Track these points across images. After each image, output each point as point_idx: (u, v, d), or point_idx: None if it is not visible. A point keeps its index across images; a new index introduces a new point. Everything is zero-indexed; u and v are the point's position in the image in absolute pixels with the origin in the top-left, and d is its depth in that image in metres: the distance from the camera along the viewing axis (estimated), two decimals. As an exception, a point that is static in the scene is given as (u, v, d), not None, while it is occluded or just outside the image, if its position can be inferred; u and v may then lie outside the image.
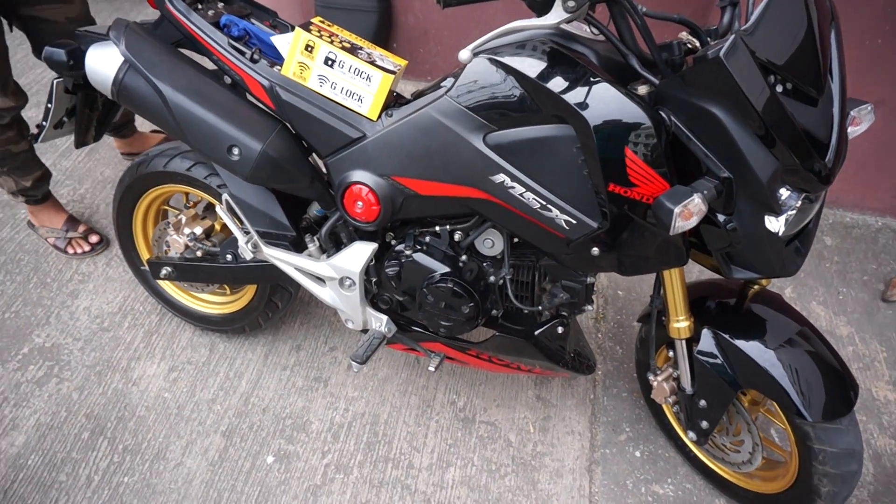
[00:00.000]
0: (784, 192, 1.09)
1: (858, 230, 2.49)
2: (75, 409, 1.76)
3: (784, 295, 2.21)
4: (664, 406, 1.67)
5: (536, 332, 1.49)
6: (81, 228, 2.16)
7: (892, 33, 2.05)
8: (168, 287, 1.89)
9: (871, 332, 2.10)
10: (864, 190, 2.49)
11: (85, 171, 2.45)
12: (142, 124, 2.54)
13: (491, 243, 1.40)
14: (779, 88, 1.01)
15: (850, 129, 1.16)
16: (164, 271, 1.70)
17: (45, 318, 1.98)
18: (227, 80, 1.40)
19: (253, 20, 1.49)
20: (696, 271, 2.15)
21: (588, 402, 1.83)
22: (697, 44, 1.18)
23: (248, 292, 1.80)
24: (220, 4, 1.49)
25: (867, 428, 1.83)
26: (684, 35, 1.20)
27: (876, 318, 2.15)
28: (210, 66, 1.42)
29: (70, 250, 2.14)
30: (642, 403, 1.81)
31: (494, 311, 1.51)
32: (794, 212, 1.12)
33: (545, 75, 1.11)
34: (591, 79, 1.08)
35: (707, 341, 1.36)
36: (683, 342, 1.40)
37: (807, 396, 1.26)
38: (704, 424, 1.44)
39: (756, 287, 1.41)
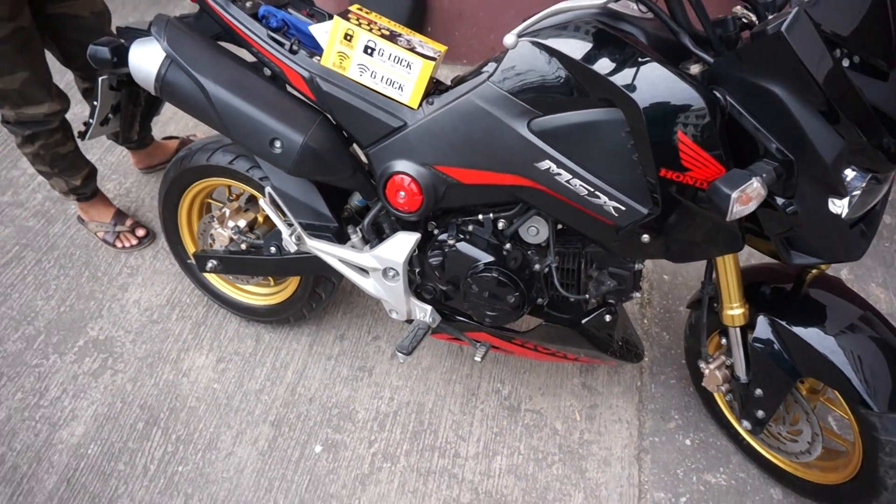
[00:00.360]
0: (850, 173, 1.03)
1: (920, 207, 2.37)
2: (130, 400, 1.81)
3: (840, 276, 2.12)
4: (716, 394, 1.63)
5: (583, 321, 1.46)
6: (129, 222, 2.20)
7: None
8: (214, 279, 1.92)
9: (936, 314, 2.00)
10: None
11: (129, 165, 2.50)
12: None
13: (535, 231, 1.37)
14: (845, 63, 0.95)
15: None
16: (209, 264, 1.72)
17: (98, 311, 2.03)
18: (267, 71, 1.40)
19: (290, 10, 1.48)
20: (748, 254, 2.08)
21: (635, 389, 1.79)
22: (754, 18, 1.12)
23: (292, 283, 1.82)
24: (258, -5, 1.48)
25: (932, 415, 1.75)
26: (739, 9, 1.14)
27: (940, 299, 2.05)
28: (250, 58, 1.41)
29: (118, 244, 2.19)
30: (691, 391, 1.77)
31: (540, 300, 1.49)
32: (860, 193, 1.06)
33: (591, 57, 1.07)
34: (640, 59, 1.04)
35: (763, 328, 1.31)
36: (738, 330, 1.36)
37: (871, 385, 1.21)
38: (760, 414, 1.40)
39: (814, 272, 1.36)
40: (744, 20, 1.12)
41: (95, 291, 2.09)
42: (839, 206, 1.06)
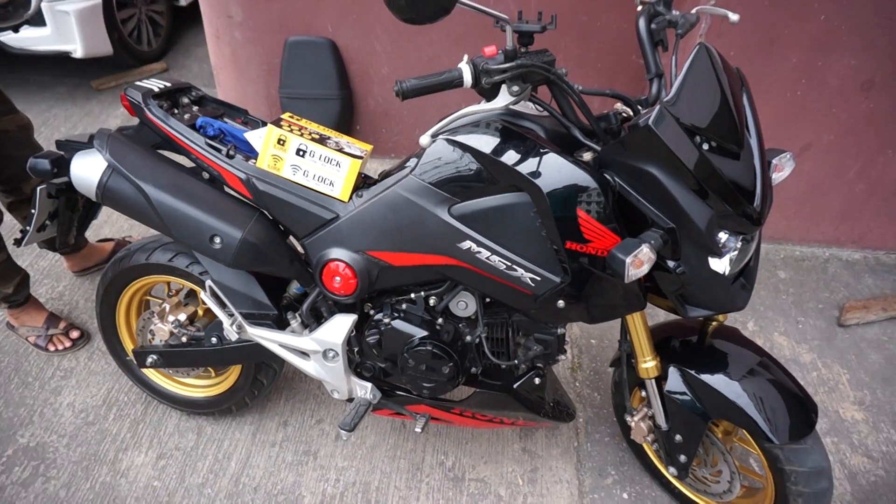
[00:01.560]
0: (723, 236, 1.21)
1: (808, 262, 2.65)
2: (64, 509, 1.74)
3: (747, 328, 2.33)
4: (644, 445, 1.74)
5: (515, 386, 1.56)
6: (62, 325, 2.18)
7: (807, 86, 2.28)
8: (153, 375, 1.92)
9: (832, 356, 2.22)
10: (808, 224, 2.67)
11: (63, 269, 2.49)
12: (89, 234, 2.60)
13: (465, 305, 1.49)
14: (705, 146, 1.15)
15: (774, 176, 1.30)
16: (149, 359, 1.74)
17: (29, 418, 1.97)
18: (206, 175, 1.50)
19: (226, 119, 1.61)
20: (662, 314, 2.26)
21: (573, 449, 1.89)
22: (631, 112, 1.33)
23: (234, 373, 1.84)
24: (195, 108, 1.60)
25: (839, 448, 1.91)
26: (619, 106, 1.35)
27: (835, 342, 2.27)
28: (189, 164, 1.52)
29: (51, 347, 2.16)
30: (625, 446, 1.87)
31: (473, 369, 1.59)
32: (736, 252, 1.24)
33: (499, 150, 1.24)
34: (541, 150, 1.21)
35: (674, 378, 1.45)
36: (653, 381, 1.49)
37: (772, 421, 1.35)
38: (682, 458, 1.52)
39: (715, 323, 1.52)
40: (623, 114, 1.32)
41: (26, 397, 2.04)
42: (721, 265, 1.23)
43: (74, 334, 2.19)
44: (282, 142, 1.38)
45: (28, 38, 3.42)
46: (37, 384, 2.08)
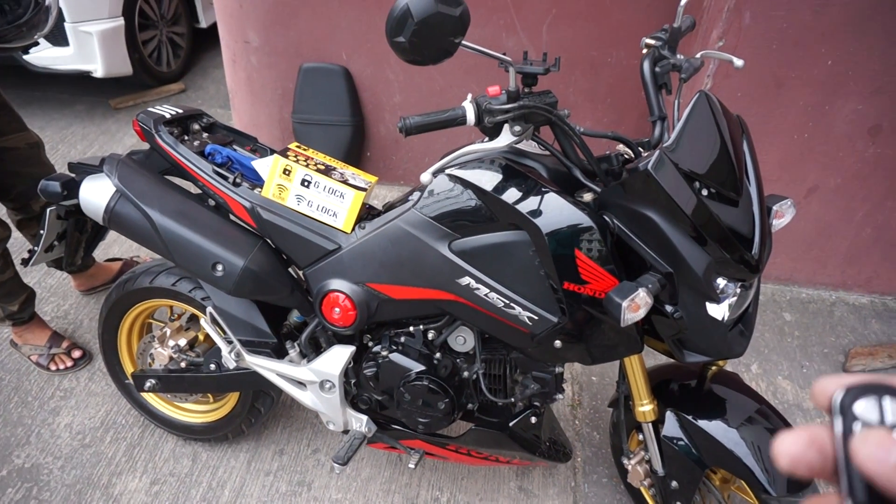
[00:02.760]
0: (721, 282, 1.21)
1: (815, 305, 2.63)
2: (55, 531, 1.74)
3: (750, 371, 2.30)
4: (642, 489, 1.71)
5: (511, 424, 1.55)
6: (65, 344, 2.20)
7: (814, 129, 2.28)
8: (151, 399, 1.92)
9: (836, 403, 2.18)
10: (814, 267, 2.65)
11: (69, 288, 2.51)
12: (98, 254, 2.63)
13: (463, 340, 1.49)
14: (704, 192, 1.15)
15: (775, 222, 1.30)
16: (148, 383, 1.74)
17: (26, 438, 1.98)
18: (212, 202, 1.52)
19: (235, 146, 1.63)
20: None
21: (570, 489, 1.86)
22: (633, 154, 1.34)
23: (231, 400, 1.84)
24: (205, 135, 1.63)
25: (842, 500, 1.87)
26: (621, 147, 1.36)
27: (839, 389, 2.23)
28: (196, 190, 1.54)
29: (53, 366, 2.17)
30: (622, 488, 1.84)
31: (470, 405, 1.57)
32: (734, 298, 1.23)
33: (500, 188, 1.24)
34: (542, 189, 1.22)
35: (671, 424, 1.43)
36: (650, 425, 1.47)
37: (770, 472, 1.33)
38: (679, 505, 1.49)
39: (714, 368, 1.51)
40: (625, 156, 1.33)
41: (24, 417, 2.04)
42: (720, 311, 1.23)
43: (76, 354, 2.20)
44: (287, 172, 1.40)
45: (51, 58, 3.50)
46: (36, 403, 2.09)
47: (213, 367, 1.67)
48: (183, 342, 1.72)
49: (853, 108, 2.21)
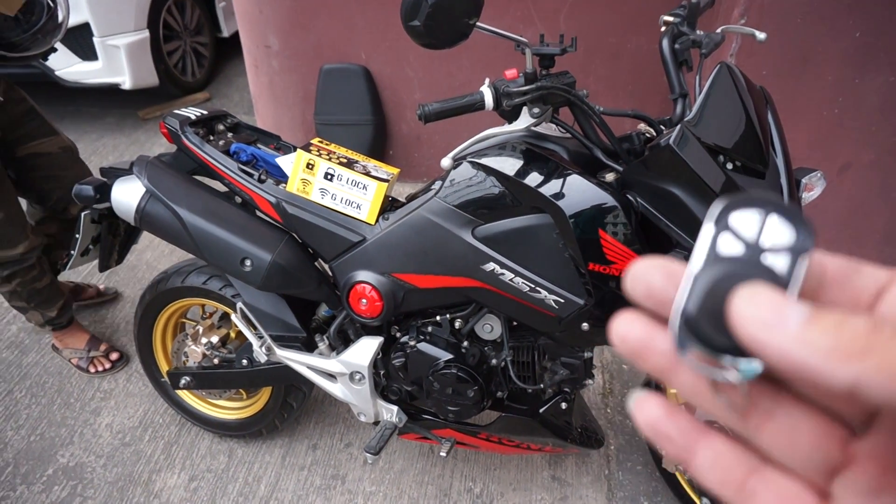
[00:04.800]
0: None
1: (852, 285, 2.55)
2: (99, 527, 1.78)
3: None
4: (677, 474, 1.69)
5: (541, 410, 1.54)
6: (103, 347, 2.25)
7: (845, 104, 2.22)
8: (187, 396, 1.96)
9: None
10: (850, 247, 2.58)
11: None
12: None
13: (490, 328, 1.49)
14: (728, 166, 1.13)
15: (805, 195, 1.27)
16: (183, 381, 1.78)
17: (70, 438, 2.03)
18: (238, 199, 1.55)
19: (259, 145, 1.66)
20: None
21: (603, 477, 1.84)
22: (654, 133, 1.32)
23: (264, 395, 1.87)
24: (230, 135, 1.66)
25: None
26: (642, 126, 1.34)
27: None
28: (223, 189, 1.57)
29: (92, 369, 2.23)
30: (657, 475, 1.82)
31: (499, 393, 1.57)
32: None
33: (522, 172, 1.24)
34: (563, 172, 1.21)
35: (705, 405, 1.41)
36: (683, 407, 1.45)
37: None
38: (716, 489, 1.46)
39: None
40: (647, 135, 1.31)
41: (67, 418, 2.10)
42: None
43: (114, 356, 2.25)
44: (310, 166, 1.42)
45: (81, 72, 3.60)
46: (78, 405, 2.15)
47: (245, 362, 1.70)
48: (215, 339, 1.76)
49: (885, 81, 2.15)
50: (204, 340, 1.76)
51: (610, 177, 1.25)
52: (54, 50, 1.80)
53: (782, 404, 0.25)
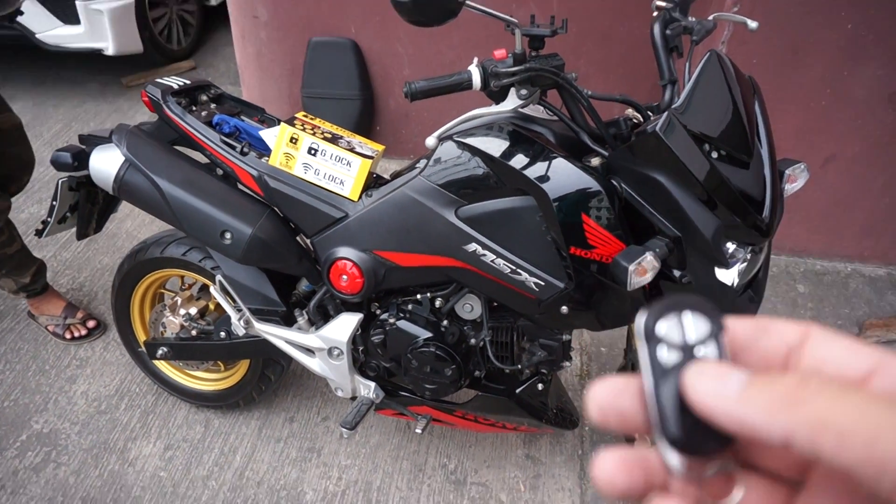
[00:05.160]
0: (731, 246, 1.19)
1: (829, 277, 2.59)
2: (71, 493, 1.78)
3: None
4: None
5: (518, 391, 1.55)
6: (80, 314, 2.23)
7: (832, 96, 2.23)
8: (164, 367, 1.95)
9: (849, 375, 2.16)
10: (829, 238, 2.61)
11: (84, 260, 2.55)
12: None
13: (470, 308, 1.49)
14: (714, 155, 1.13)
15: (788, 186, 1.28)
16: (160, 351, 1.77)
17: (44, 405, 2.02)
18: (220, 172, 1.52)
19: (243, 117, 1.63)
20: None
21: (576, 457, 1.87)
22: (642, 118, 1.32)
23: (242, 368, 1.87)
24: (213, 105, 1.63)
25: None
26: (630, 111, 1.34)
27: (852, 361, 2.21)
28: (204, 160, 1.54)
29: (68, 335, 2.20)
30: (630, 457, 1.85)
31: (477, 372, 1.58)
32: (744, 263, 1.22)
33: (507, 154, 1.23)
34: (549, 155, 1.21)
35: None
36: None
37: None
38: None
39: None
40: (633, 120, 1.31)
41: (42, 385, 2.08)
42: (729, 276, 1.21)
43: (91, 324, 2.23)
44: (294, 140, 1.40)
45: (62, 36, 3.50)
46: (53, 372, 2.13)
47: (223, 335, 1.69)
48: (194, 311, 1.75)
49: (872, 74, 2.16)
50: (182, 312, 1.74)
51: (595, 161, 1.25)
52: (20, 12, 1.73)
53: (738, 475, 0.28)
